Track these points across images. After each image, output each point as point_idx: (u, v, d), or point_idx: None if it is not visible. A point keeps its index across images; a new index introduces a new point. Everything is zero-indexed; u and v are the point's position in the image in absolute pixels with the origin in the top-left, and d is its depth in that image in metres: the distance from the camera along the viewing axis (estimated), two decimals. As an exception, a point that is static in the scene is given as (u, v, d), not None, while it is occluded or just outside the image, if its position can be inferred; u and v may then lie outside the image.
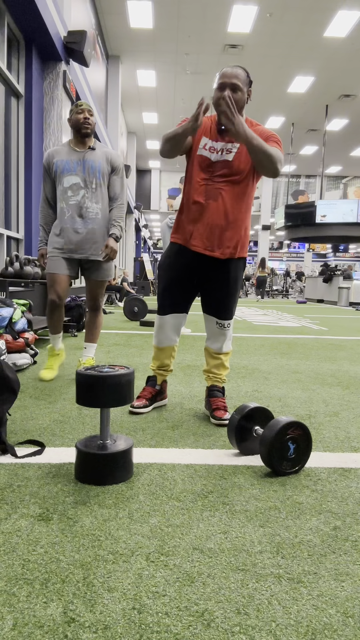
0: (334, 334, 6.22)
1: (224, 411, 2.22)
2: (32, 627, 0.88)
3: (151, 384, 2.41)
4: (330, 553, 1.15)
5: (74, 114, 2.86)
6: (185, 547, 1.16)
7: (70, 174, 2.83)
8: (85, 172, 2.84)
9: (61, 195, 2.85)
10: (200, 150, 2.14)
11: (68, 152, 2.87)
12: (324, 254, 35.60)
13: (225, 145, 2.11)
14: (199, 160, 2.15)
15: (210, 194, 2.12)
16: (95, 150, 2.90)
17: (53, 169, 2.85)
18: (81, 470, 1.51)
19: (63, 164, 2.84)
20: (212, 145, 2.12)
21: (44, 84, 6.59)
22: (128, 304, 7.25)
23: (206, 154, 2.13)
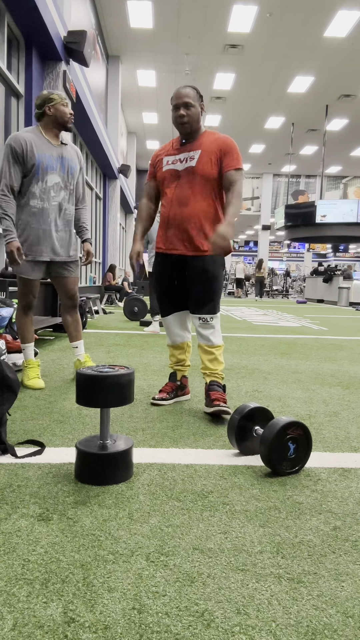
0: (334, 334, 6.22)
1: (222, 400, 2.26)
2: (32, 627, 0.88)
3: (172, 380, 2.56)
4: (330, 553, 1.15)
5: (59, 104, 2.65)
6: (185, 547, 1.16)
7: (52, 172, 2.66)
8: (64, 171, 2.72)
9: (42, 194, 2.64)
10: (166, 166, 2.40)
11: (47, 146, 2.65)
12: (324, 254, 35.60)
13: (188, 153, 2.35)
14: (167, 174, 2.39)
15: (182, 200, 2.33)
16: (67, 147, 2.77)
17: (31, 160, 2.58)
18: (81, 470, 1.51)
19: (46, 160, 2.63)
20: (176, 158, 2.38)
21: (44, 84, 6.59)
22: (128, 304, 7.25)
23: (172, 167, 2.38)
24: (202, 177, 2.30)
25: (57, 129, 2.71)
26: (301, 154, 21.26)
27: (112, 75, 13.33)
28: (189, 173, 2.31)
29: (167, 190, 2.38)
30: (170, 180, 2.37)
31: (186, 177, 2.32)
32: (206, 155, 2.30)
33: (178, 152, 2.37)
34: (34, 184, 2.63)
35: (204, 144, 2.32)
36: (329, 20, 10.79)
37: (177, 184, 2.34)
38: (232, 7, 10.39)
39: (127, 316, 7.23)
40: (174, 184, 2.36)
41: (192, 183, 2.31)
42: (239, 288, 19.76)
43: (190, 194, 2.31)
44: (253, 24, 10.99)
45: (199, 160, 2.30)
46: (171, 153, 2.40)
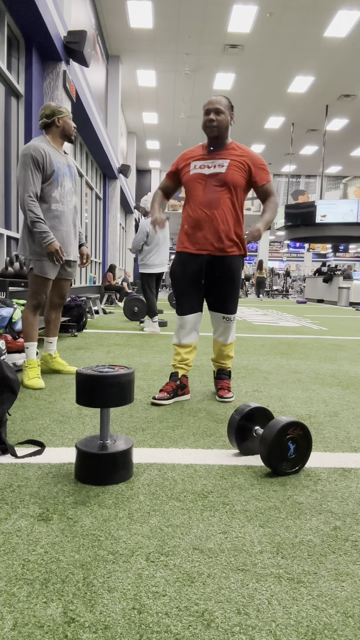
0: (334, 334, 6.22)
1: (227, 391, 2.63)
2: (32, 627, 0.88)
3: (173, 379, 2.60)
4: (330, 553, 1.15)
5: (66, 117, 2.83)
6: (185, 547, 1.16)
7: (67, 178, 2.86)
8: (72, 178, 2.92)
9: (61, 198, 2.81)
10: (193, 170, 2.53)
11: (58, 154, 2.82)
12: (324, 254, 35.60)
13: (216, 161, 2.50)
14: (194, 178, 2.52)
15: (212, 203, 2.48)
16: (69, 157, 2.99)
17: (51, 167, 2.72)
18: (81, 470, 1.51)
19: (62, 167, 2.81)
20: (204, 163, 2.52)
21: (44, 84, 6.59)
22: (128, 304, 7.25)
23: (200, 171, 2.52)
24: (231, 184, 2.47)
25: (63, 140, 2.89)
26: (301, 154, 21.26)
27: (112, 75, 13.33)
28: (217, 179, 2.47)
29: (195, 193, 2.51)
30: (198, 183, 2.50)
31: (215, 182, 2.47)
32: (235, 165, 2.47)
33: (206, 158, 2.52)
34: (55, 189, 2.79)
35: (232, 154, 2.51)
36: (329, 20, 10.78)
37: (206, 188, 2.48)
38: (232, 7, 10.39)
39: (127, 316, 7.23)
40: (201, 187, 2.49)
41: (221, 189, 2.47)
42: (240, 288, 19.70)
43: (219, 198, 2.47)
44: (253, 24, 10.99)
45: (228, 168, 2.47)
46: (199, 158, 2.54)
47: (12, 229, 6.08)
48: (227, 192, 2.47)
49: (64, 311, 5.33)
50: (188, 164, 2.56)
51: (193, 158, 2.56)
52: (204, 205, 2.48)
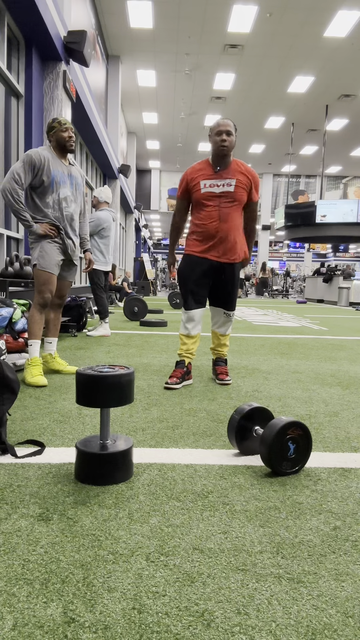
0: (334, 334, 6.22)
1: (226, 375, 3.03)
2: (32, 627, 0.88)
3: (180, 366, 2.96)
4: (330, 553, 1.15)
5: (58, 131, 2.95)
6: (185, 547, 1.16)
7: (64, 186, 2.98)
8: (72, 187, 3.06)
9: (54, 204, 2.94)
10: (204, 189, 2.87)
11: (60, 164, 2.97)
12: (324, 254, 35.60)
13: (224, 180, 2.85)
14: (205, 196, 2.86)
15: (223, 217, 2.86)
16: (74, 167, 3.11)
17: (46, 173, 2.87)
18: (81, 470, 1.51)
19: (59, 175, 2.94)
20: (213, 182, 2.86)
21: (44, 84, 6.59)
22: (128, 304, 7.25)
23: (211, 190, 2.86)
24: (238, 201, 2.87)
25: (61, 152, 3.01)
26: (301, 154, 21.26)
27: (112, 75, 13.33)
28: (227, 197, 2.84)
29: (208, 209, 2.86)
30: (210, 200, 2.86)
31: (225, 199, 2.84)
32: (240, 184, 2.85)
33: (214, 177, 2.86)
34: (49, 195, 2.93)
35: (237, 174, 2.86)
36: (329, 20, 10.78)
37: (219, 204, 2.85)
38: (232, 7, 10.39)
39: (127, 316, 7.23)
40: (214, 203, 2.85)
41: (230, 205, 2.85)
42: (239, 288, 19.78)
43: (229, 213, 2.86)
44: (253, 24, 10.99)
45: (235, 187, 2.84)
46: (207, 177, 2.87)
47: (12, 229, 6.08)
48: (234, 208, 2.87)
49: (64, 311, 5.33)
50: (197, 182, 2.87)
51: (201, 177, 2.87)
52: (215, 219, 2.85)
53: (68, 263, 3.11)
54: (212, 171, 2.87)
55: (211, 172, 2.87)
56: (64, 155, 3.04)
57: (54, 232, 2.94)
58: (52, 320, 3.17)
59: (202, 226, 2.90)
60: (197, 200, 2.90)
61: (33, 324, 2.95)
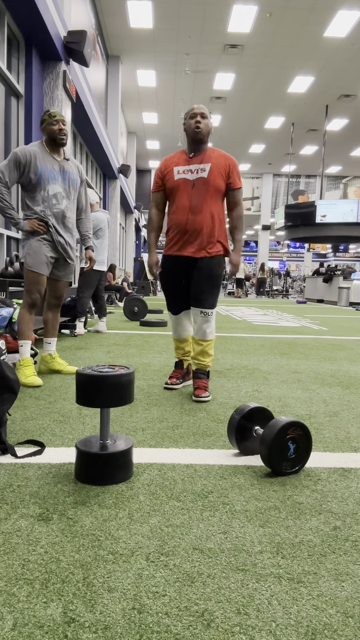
0: (334, 334, 6.22)
1: (203, 390, 2.63)
2: (32, 627, 0.88)
3: (179, 367, 2.89)
4: (330, 553, 1.15)
5: (47, 124, 2.85)
6: (185, 547, 1.16)
7: (54, 182, 2.88)
8: (66, 183, 2.95)
9: (43, 202, 2.85)
10: (177, 175, 2.65)
11: (50, 160, 2.88)
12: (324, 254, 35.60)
13: (198, 165, 2.63)
14: (178, 183, 2.64)
15: (195, 208, 2.61)
16: (69, 162, 3.00)
17: (33, 170, 2.80)
18: (81, 470, 1.51)
19: (48, 172, 2.85)
20: (187, 168, 2.64)
21: (44, 84, 6.59)
22: (128, 304, 7.25)
23: (184, 177, 2.64)
24: (213, 188, 2.61)
25: (54, 146, 2.91)
26: (301, 154, 21.26)
27: (112, 75, 13.33)
28: (201, 183, 2.60)
29: (180, 199, 2.63)
30: (183, 189, 2.63)
31: (199, 187, 2.60)
32: (216, 169, 2.61)
33: (188, 163, 2.65)
34: (37, 192, 2.85)
35: (212, 158, 2.63)
36: (329, 20, 10.79)
37: (191, 193, 2.61)
38: (232, 7, 10.39)
39: (127, 316, 7.23)
40: (187, 192, 2.62)
41: (204, 193, 2.60)
42: (239, 288, 19.81)
43: (203, 202, 2.60)
44: (253, 24, 10.99)
45: (210, 172, 2.60)
46: (181, 164, 2.66)
47: (12, 229, 6.08)
48: (209, 197, 2.61)
49: (64, 311, 5.32)
50: (171, 169, 2.67)
51: (175, 164, 2.68)
52: (188, 210, 2.61)
53: (62, 262, 3.01)
54: (186, 157, 2.67)
55: (186, 158, 2.67)
56: (56, 150, 2.92)
57: (42, 227, 2.85)
58: (50, 320, 3.13)
59: (174, 220, 2.68)
60: (171, 189, 2.68)
61: (22, 325, 2.89)
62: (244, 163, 23.05)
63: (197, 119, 2.59)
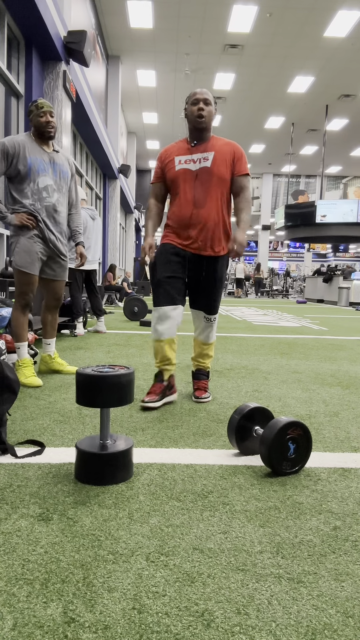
0: (334, 334, 6.22)
1: (203, 391, 2.60)
2: (32, 627, 0.88)
3: (159, 380, 2.48)
4: (330, 553, 1.15)
5: (34, 115, 2.74)
6: (185, 547, 1.16)
7: (44, 174, 2.77)
8: (56, 175, 2.84)
9: (33, 195, 2.75)
10: (179, 166, 2.43)
11: (39, 151, 2.77)
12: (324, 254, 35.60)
13: (201, 154, 2.42)
14: (180, 174, 2.43)
15: (199, 201, 2.40)
16: (59, 153, 2.89)
17: (22, 161, 2.69)
18: (81, 470, 1.51)
19: (38, 163, 2.74)
20: (189, 158, 2.44)
21: (44, 84, 6.59)
22: (128, 304, 7.25)
23: (186, 167, 2.43)
24: (218, 178, 2.40)
25: (42, 138, 2.80)
26: (301, 154, 21.26)
27: (112, 75, 13.33)
28: (204, 173, 2.39)
29: (182, 190, 2.42)
30: (185, 180, 2.42)
31: (202, 177, 2.40)
32: (220, 157, 2.40)
33: (190, 152, 2.44)
34: (27, 185, 2.74)
35: (216, 146, 2.43)
36: (329, 20, 10.79)
37: (194, 184, 2.40)
38: (232, 7, 10.39)
39: (127, 316, 7.23)
40: (189, 184, 2.41)
41: (208, 184, 2.40)
42: (239, 288, 19.82)
43: (207, 195, 2.40)
44: (253, 24, 10.99)
45: (213, 161, 2.39)
46: (183, 153, 2.45)
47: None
48: (215, 188, 2.40)
49: (62, 311, 5.31)
50: (172, 159, 2.46)
51: (176, 153, 2.47)
52: (192, 203, 2.40)
53: (55, 260, 2.91)
54: (188, 147, 2.46)
55: (188, 147, 2.46)
56: (45, 142, 2.81)
57: (31, 222, 2.73)
58: (49, 321, 3.08)
59: (176, 213, 2.45)
60: (172, 180, 2.45)
61: (17, 327, 2.83)
62: (244, 163, 23.03)
63: (200, 106, 2.38)
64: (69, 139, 7.26)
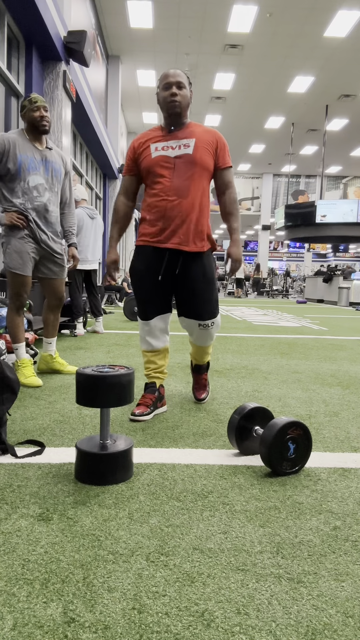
0: (334, 334, 6.22)
1: (203, 390, 2.54)
2: (32, 627, 0.88)
3: (150, 391, 2.30)
4: (330, 553, 1.15)
5: (28, 110, 2.69)
6: (185, 547, 1.16)
7: (35, 173, 2.72)
8: (48, 173, 2.78)
9: (23, 194, 2.70)
10: (155, 153, 2.18)
11: (30, 149, 2.72)
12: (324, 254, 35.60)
13: (180, 141, 2.17)
14: (157, 161, 2.17)
15: (181, 190, 2.15)
16: (52, 151, 2.84)
17: (12, 159, 2.64)
18: (81, 470, 1.51)
19: (28, 161, 2.69)
20: (167, 145, 2.18)
21: (44, 84, 6.59)
22: (128, 304, 7.25)
23: (164, 154, 2.17)
24: (201, 167, 2.17)
25: (35, 134, 2.76)
26: (301, 154, 21.25)
27: (112, 75, 13.33)
28: (186, 162, 2.15)
29: (161, 179, 2.16)
30: (163, 167, 2.16)
31: (183, 165, 2.15)
32: (201, 144, 2.17)
33: (167, 138, 2.19)
34: (16, 183, 2.69)
35: (196, 133, 2.20)
36: (329, 20, 10.78)
37: (174, 172, 2.14)
38: (232, 7, 10.39)
39: (127, 316, 7.23)
40: (168, 171, 2.15)
41: (190, 172, 2.15)
42: (238, 288, 19.82)
43: (189, 184, 2.15)
44: (253, 24, 10.99)
45: (195, 148, 2.16)
46: (159, 140, 2.20)
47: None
48: (196, 177, 2.16)
49: (64, 311, 5.32)
50: (147, 147, 2.20)
51: (151, 140, 2.21)
52: (170, 192, 2.14)
53: (51, 259, 2.87)
54: (165, 132, 2.22)
55: (164, 133, 2.21)
56: (38, 138, 2.76)
57: (22, 221, 2.68)
58: (51, 321, 3.06)
59: (153, 205, 2.18)
60: (148, 169, 2.19)
61: (13, 329, 2.81)
62: (243, 163, 23.04)
63: (172, 91, 2.14)
64: (69, 139, 7.27)
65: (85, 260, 5.30)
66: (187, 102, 2.20)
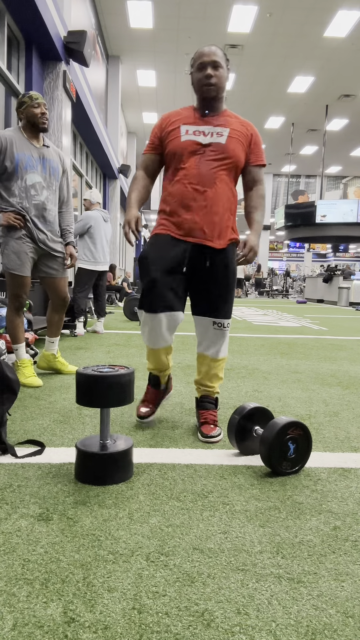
0: (334, 334, 6.22)
1: (213, 426, 1.99)
2: (32, 627, 0.88)
3: (155, 386, 2.18)
4: (330, 553, 1.15)
5: (28, 107, 2.68)
6: (185, 547, 1.16)
7: (33, 171, 2.69)
8: (46, 172, 2.76)
9: (20, 193, 2.68)
10: (185, 136, 1.97)
11: (28, 146, 2.69)
12: (324, 254, 35.59)
13: (214, 128, 1.98)
14: (187, 146, 1.96)
15: (206, 180, 1.94)
16: (50, 149, 2.82)
17: (9, 157, 2.62)
18: (81, 470, 1.51)
19: (26, 160, 2.66)
20: (198, 129, 1.98)
21: (44, 84, 6.59)
22: (128, 304, 7.26)
23: (194, 138, 1.96)
24: (232, 159, 1.96)
25: (33, 131, 2.74)
26: (301, 154, 21.26)
27: (112, 75, 13.33)
28: (216, 151, 1.95)
29: (186, 165, 1.96)
30: (191, 153, 1.95)
31: (212, 154, 1.95)
32: (236, 136, 1.98)
33: (200, 123, 1.99)
34: (14, 182, 2.67)
35: (231, 122, 2.01)
36: (329, 20, 10.79)
37: (201, 159, 1.95)
38: (232, 7, 10.39)
39: (127, 316, 7.23)
40: (195, 158, 1.95)
41: (219, 163, 1.95)
42: (239, 288, 19.83)
43: (217, 175, 1.95)
44: (253, 24, 10.99)
45: (229, 139, 1.96)
46: (191, 122, 1.99)
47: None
48: (225, 169, 1.96)
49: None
50: (177, 127, 2.00)
51: (182, 120, 2.01)
52: (196, 181, 1.94)
53: (51, 258, 2.85)
54: (198, 116, 2.01)
55: (197, 116, 2.01)
56: (35, 136, 2.74)
57: (19, 221, 2.65)
58: (55, 321, 3.04)
59: (177, 193, 1.96)
60: (175, 152, 1.98)
61: (13, 329, 2.81)
62: (244, 163, 23.05)
63: (207, 72, 1.93)
64: (69, 139, 7.26)
65: (100, 261, 5.35)
66: (224, 84, 2.00)
